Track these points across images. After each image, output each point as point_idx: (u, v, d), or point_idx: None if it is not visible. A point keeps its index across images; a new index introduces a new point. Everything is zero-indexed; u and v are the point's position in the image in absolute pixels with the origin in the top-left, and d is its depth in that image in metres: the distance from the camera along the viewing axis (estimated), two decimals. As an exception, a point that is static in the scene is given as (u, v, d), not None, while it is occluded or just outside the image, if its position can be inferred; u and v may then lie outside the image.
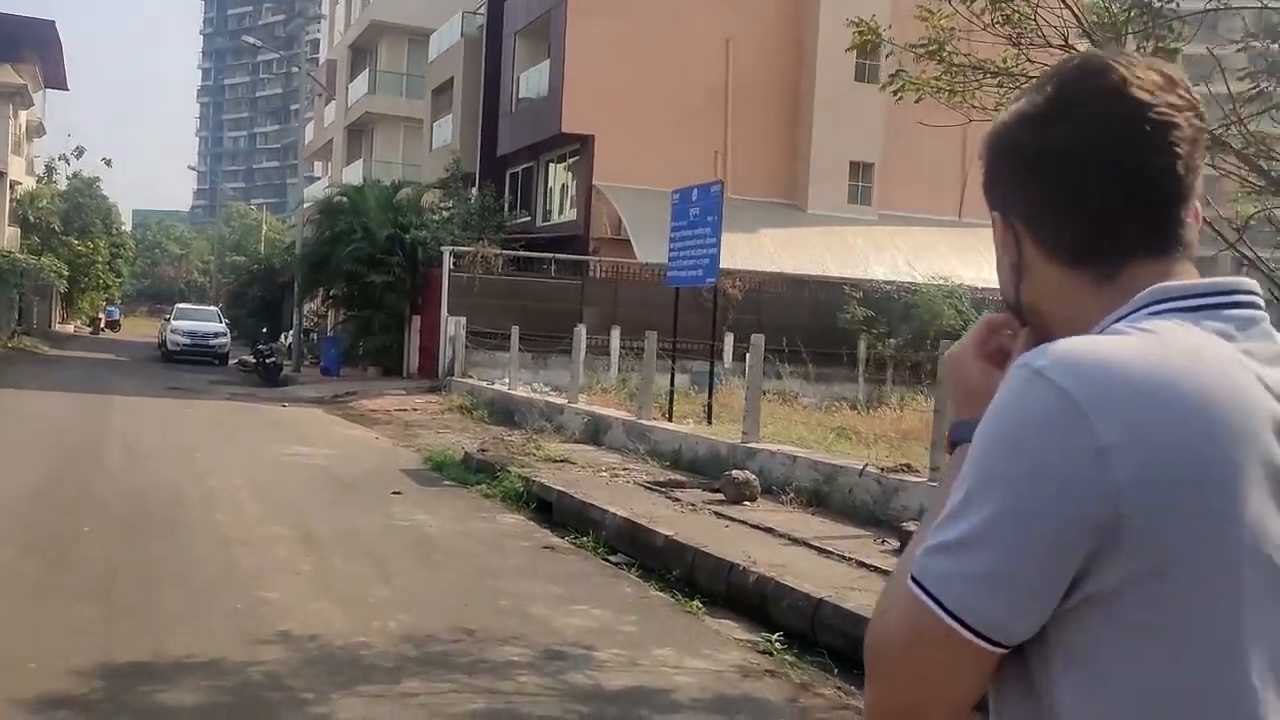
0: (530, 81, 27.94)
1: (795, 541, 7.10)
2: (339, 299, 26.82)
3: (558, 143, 26.87)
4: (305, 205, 32.38)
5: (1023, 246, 1.03)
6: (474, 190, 28.95)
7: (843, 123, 25.89)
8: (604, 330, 22.57)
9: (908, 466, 8.21)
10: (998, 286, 1.11)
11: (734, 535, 7.18)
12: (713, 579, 6.40)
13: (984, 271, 23.88)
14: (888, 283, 23.92)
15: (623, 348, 21.69)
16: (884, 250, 25.53)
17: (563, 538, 8.08)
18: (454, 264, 21.85)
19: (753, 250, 24.42)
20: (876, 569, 6.28)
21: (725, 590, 6.26)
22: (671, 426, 12.14)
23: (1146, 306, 0.95)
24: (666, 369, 22.83)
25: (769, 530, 7.40)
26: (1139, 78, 0.98)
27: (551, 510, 9.16)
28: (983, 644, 0.90)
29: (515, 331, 18.02)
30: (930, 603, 0.90)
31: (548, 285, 22.68)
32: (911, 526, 6.82)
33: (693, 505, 8.29)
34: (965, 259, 23.66)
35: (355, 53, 41.97)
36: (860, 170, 26.73)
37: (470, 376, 20.89)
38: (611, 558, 7.41)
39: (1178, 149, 0.97)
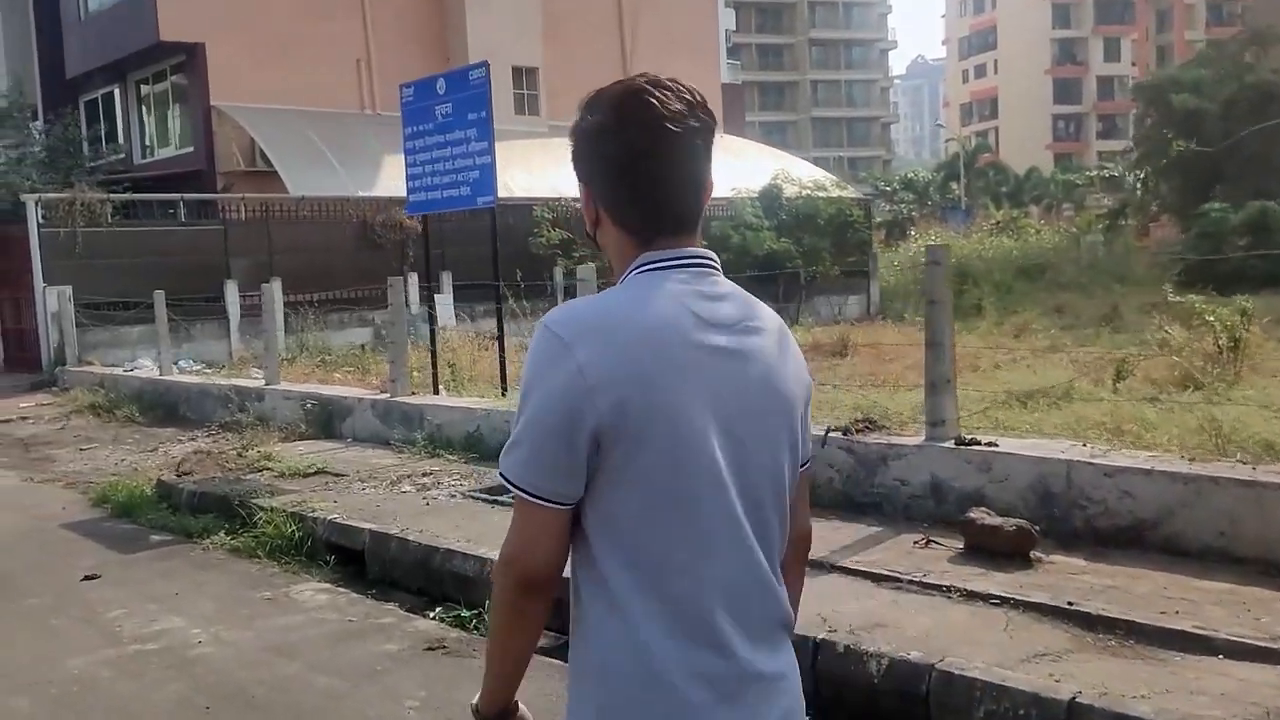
0: (104, -19, 22.22)
1: (807, 565, 4.73)
2: None
3: (152, 56, 21.65)
4: None
5: (598, 209, 1.52)
6: (37, 123, 22.75)
7: (498, 24, 23.06)
8: (259, 284, 18.44)
9: (870, 423, 6.09)
10: None
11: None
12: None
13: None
14: (576, 200, 21.65)
15: (288, 303, 17.80)
16: (564, 165, 22.81)
17: (429, 615, 5.11)
18: (44, 217, 16.58)
19: (421, 174, 21.11)
20: (967, 593, 4.10)
21: (811, 683, 3.77)
22: (450, 401, 9.16)
23: (638, 267, 1.47)
24: (352, 324, 19.27)
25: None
26: (669, 107, 1.42)
27: (364, 562, 6.06)
28: (548, 505, 1.39)
29: (160, 298, 13.70)
30: (508, 484, 1.41)
31: (179, 235, 17.99)
32: (979, 514, 4.71)
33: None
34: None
35: None
36: (524, 76, 24.10)
37: (91, 363, 16.06)
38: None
39: (695, 160, 1.46)
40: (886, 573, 4.46)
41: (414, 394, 9.64)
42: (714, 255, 1.50)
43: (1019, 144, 74.96)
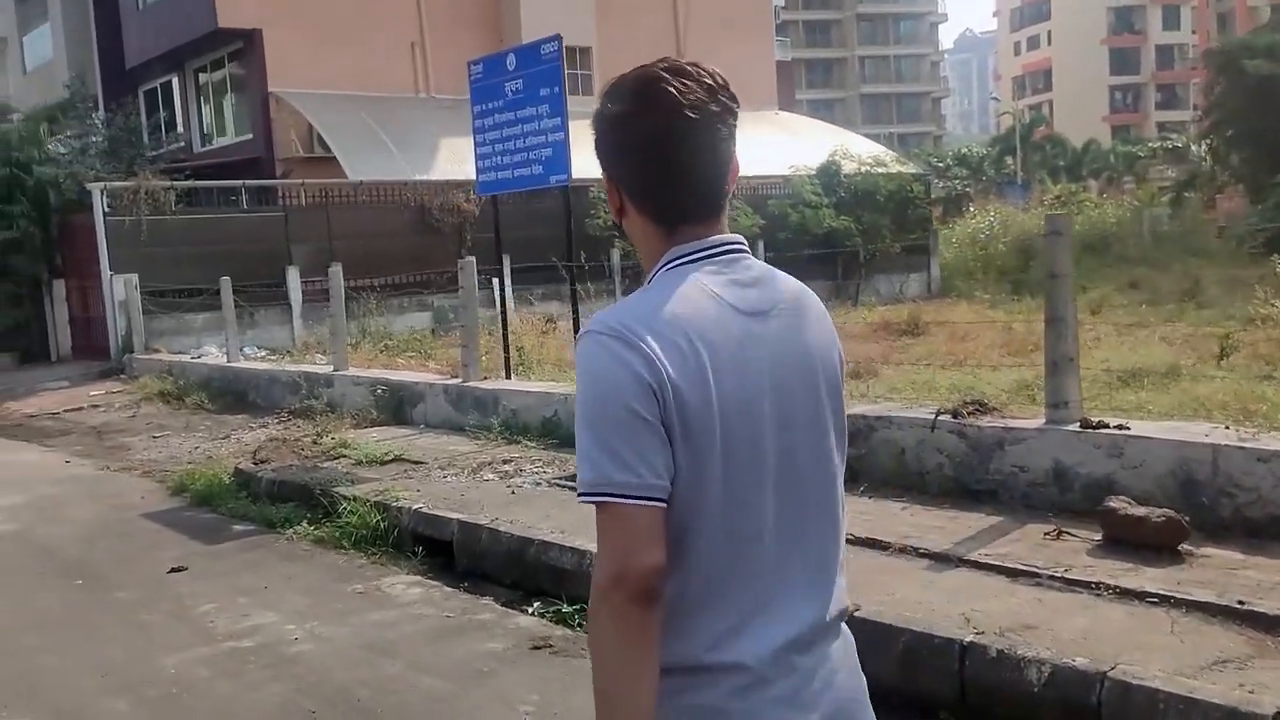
0: (162, -32, 22.26)
1: (931, 558, 4.46)
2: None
3: (210, 44, 21.69)
4: None
5: (623, 197, 1.48)
6: (98, 114, 22.88)
7: (551, 3, 22.82)
8: (320, 270, 18.41)
9: (981, 405, 5.77)
10: (743, 174, 1.59)
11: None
12: (909, 668, 3.61)
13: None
14: (623, 183, 21.41)
15: (349, 288, 17.74)
16: (619, 145, 22.93)
17: (527, 610, 4.91)
18: (109, 206, 16.65)
19: (477, 157, 20.92)
20: (1119, 590, 3.80)
21: (956, 690, 3.49)
22: (525, 386, 8.97)
23: (667, 263, 1.45)
24: (412, 308, 19.21)
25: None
26: (687, 96, 1.39)
27: (452, 553, 5.88)
28: (646, 503, 1.31)
29: (226, 284, 13.66)
30: (598, 499, 1.32)
31: (241, 222, 17.99)
32: (1120, 503, 4.39)
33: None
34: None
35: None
36: (577, 56, 23.81)
37: (158, 350, 16.13)
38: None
39: (718, 146, 1.43)
40: (1022, 567, 4.17)
41: (485, 378, 9.47)
42: (741, 239, 1.47)
43: (1074, 117, 73.17)
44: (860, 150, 25.68)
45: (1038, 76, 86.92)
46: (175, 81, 23.95)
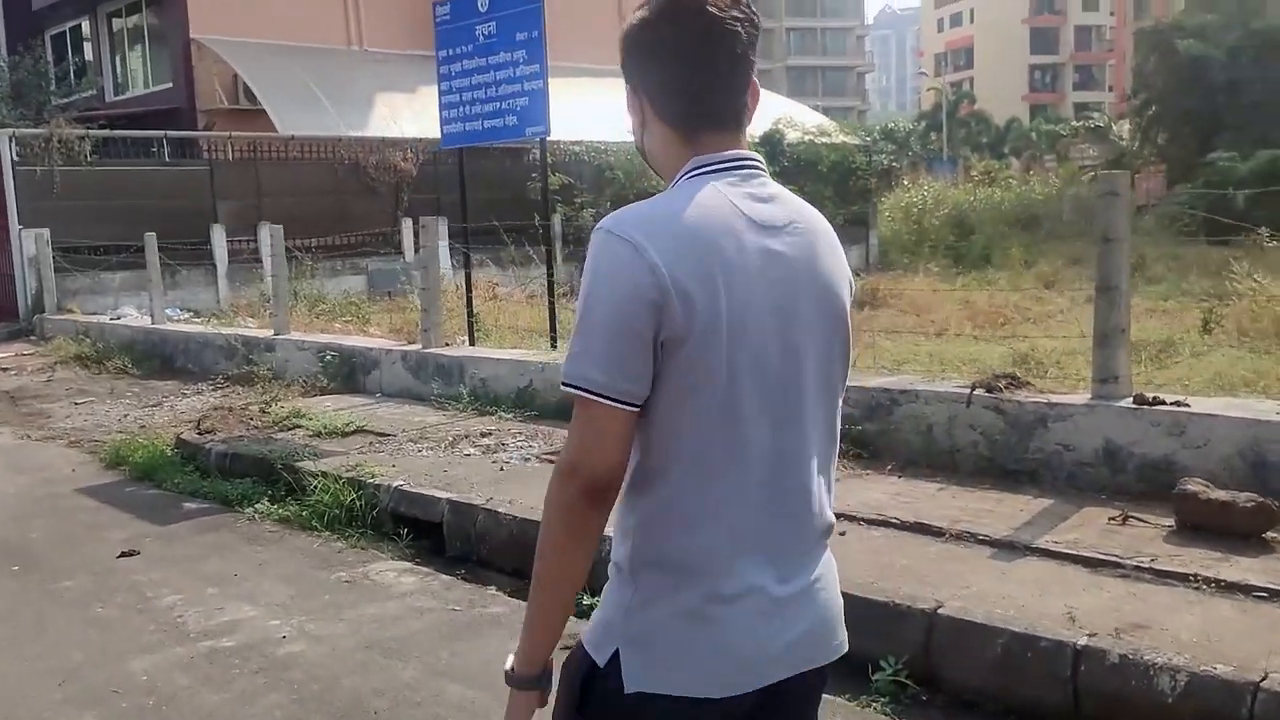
0: (71, -100, 20.75)
1: (993, 546, 4.11)
2: None
3: (125, -14, 20.32)
4: None
5: (645, 110, 1.52)
6: (1, 57, 21.33)
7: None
8: (247, 229, 17.44)
9: (1015, 379, 5.44)
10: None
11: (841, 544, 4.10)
12: (1008, 673, 3.24)
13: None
14: (575, 143, 20.78)
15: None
16: (562, 107, 22.16)
17: (541, 602, 4.42)
18: (18, 154, 15.43)
19: (416, 113, 20.01)
20: (1220, 584, 3.51)
21: (1069, 698, 3.13)
22: (495, 353, 8.40)
23: (689, 171, 1.46)
24: (346, 271, 18.35)
25: (874, 521, 4.44)
26: (713, 1, 1.43)
27: (436, 535, 5.36)
28: (618, 405, 1.36)
29: (151, 240, 12.72)
30: (576, 390, 1.37)
31: (163, 176, 16.89)
32: (1198, 486, 4.10)
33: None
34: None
35: None
36: (518, 13, 23.00)
37: (72, 311, 15.06)
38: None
39: (738, 52, 1.45)
40: (1101, 557, 3.83)
41: (447, 345, 8.88)
42: (759, 157, 1.50)
43: (994, 95, 74.17)
44: (805, 120, 25.42)
45: (959, 54, 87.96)
46: (86, 25, 22.45)
